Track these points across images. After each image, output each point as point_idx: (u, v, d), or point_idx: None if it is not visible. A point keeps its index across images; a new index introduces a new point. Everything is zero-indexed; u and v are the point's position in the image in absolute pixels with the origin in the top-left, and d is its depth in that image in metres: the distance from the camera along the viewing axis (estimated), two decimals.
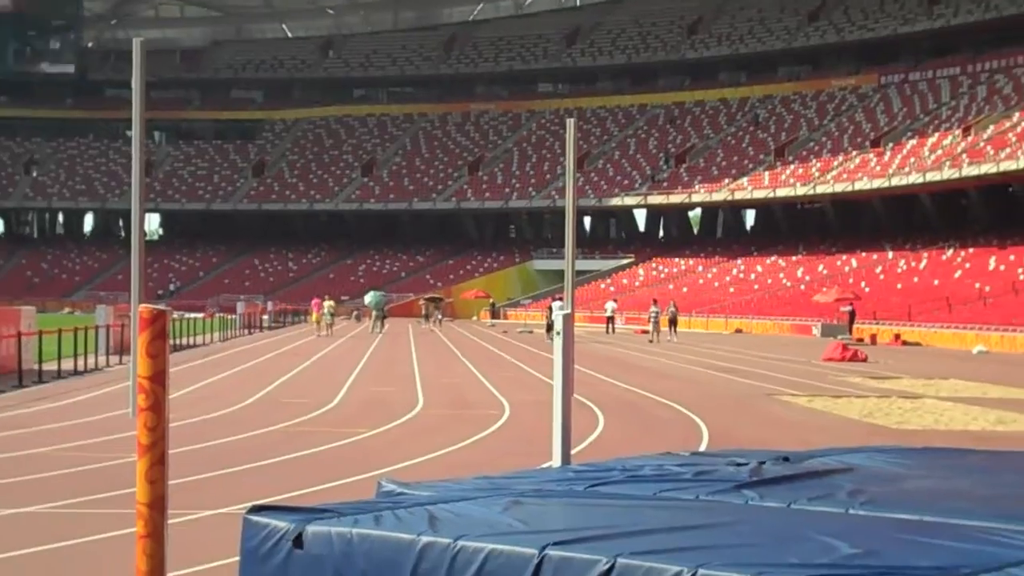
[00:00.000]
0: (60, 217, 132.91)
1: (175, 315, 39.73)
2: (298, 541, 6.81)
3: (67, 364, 32.07)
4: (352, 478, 14.15)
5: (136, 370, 7.89)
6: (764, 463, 9.38)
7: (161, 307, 7.60)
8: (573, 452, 12.92)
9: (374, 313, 69.67)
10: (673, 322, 62.14)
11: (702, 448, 17.16)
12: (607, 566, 5.92)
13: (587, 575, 5.96)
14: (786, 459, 9.73)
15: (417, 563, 6.43)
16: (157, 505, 7.39)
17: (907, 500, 7.79)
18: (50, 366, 31.28)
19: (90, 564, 9.67)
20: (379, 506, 7.43)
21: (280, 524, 6.94)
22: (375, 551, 6.59)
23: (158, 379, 7.43)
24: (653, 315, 61.78)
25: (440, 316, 79.21)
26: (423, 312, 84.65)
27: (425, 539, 6.48)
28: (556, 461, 12.19)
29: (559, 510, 7.48)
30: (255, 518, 7.07)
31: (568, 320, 12.19)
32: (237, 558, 7.20)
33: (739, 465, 9.26)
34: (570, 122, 13.94)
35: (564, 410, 12.27)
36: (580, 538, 6.33)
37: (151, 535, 7.36)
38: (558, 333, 12.14)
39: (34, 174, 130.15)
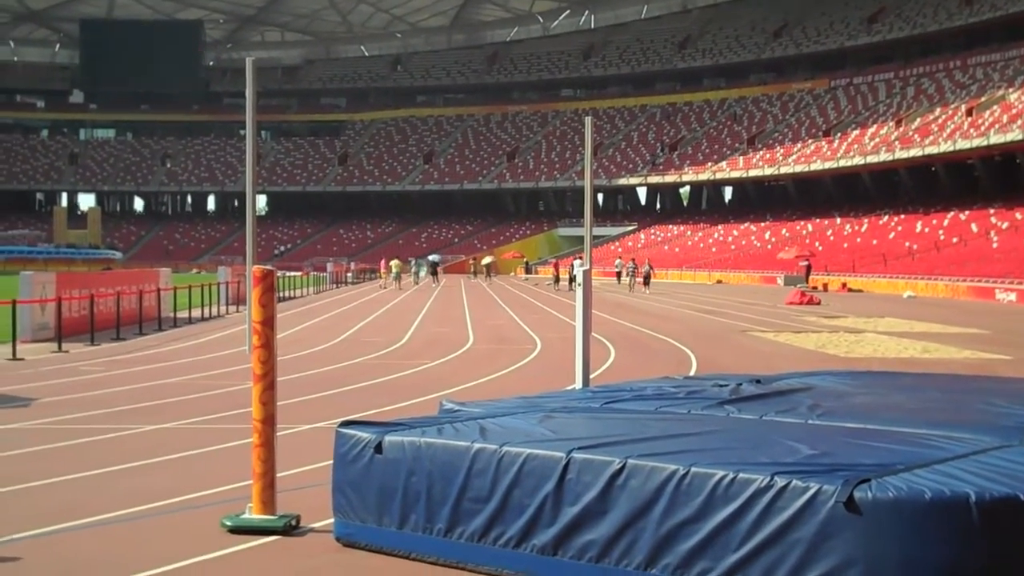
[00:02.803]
0: (189, 199, 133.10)
1: (279, 273, 39.80)
2: (379, 448, 6.86)
3: (196, 312, 32.20)
4: (419, 399, 14.14)
5: (251, 316, 7.91)
6: (741, 384, 9.37)
7: (269, 267, 7.64)
8: (591, 377, 12.92)
9: (429, 270, 69.67)
10: (647, 278, 59.38)
11: (692, 373, 17.11)
12: (620, 465, 5.94)
13: (604, 473, 5.98)
14: (758, 381, 9.71)
15: (472, 464, 6.48)
16: (269, 421, 7.45)
17: (854, 412, 7.78)
18: (183, 314, 31.43)
19: (217, 466, 9.70)
20: (441, 420, 7.47)
21: (364, 435, 6.99)
22: (438, 455, 6.63)
23: (268, 323, 7.47)
24: (629, 269, 60.75)
25: (491, 275, 78.81)
26: (471, 269, 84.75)
27: (477, 445, 6.52)
28: (578, 384, 12.19)
29: (581, 422, 7.50)
30: (345, 430, 7.12)
31: (587, 274, 12.16)
32: (331, 461, 7.23)
33: (721, 386, 9.26)
34: (588, 120, 13.79)
35: (584, 344, 12.26)
36: (598, 444, 6.35)
37: (264, 444, 7.42)
38: (579, 284, 12.11)
39: (168, 165, 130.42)
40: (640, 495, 5.80)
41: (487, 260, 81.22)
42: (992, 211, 70.58)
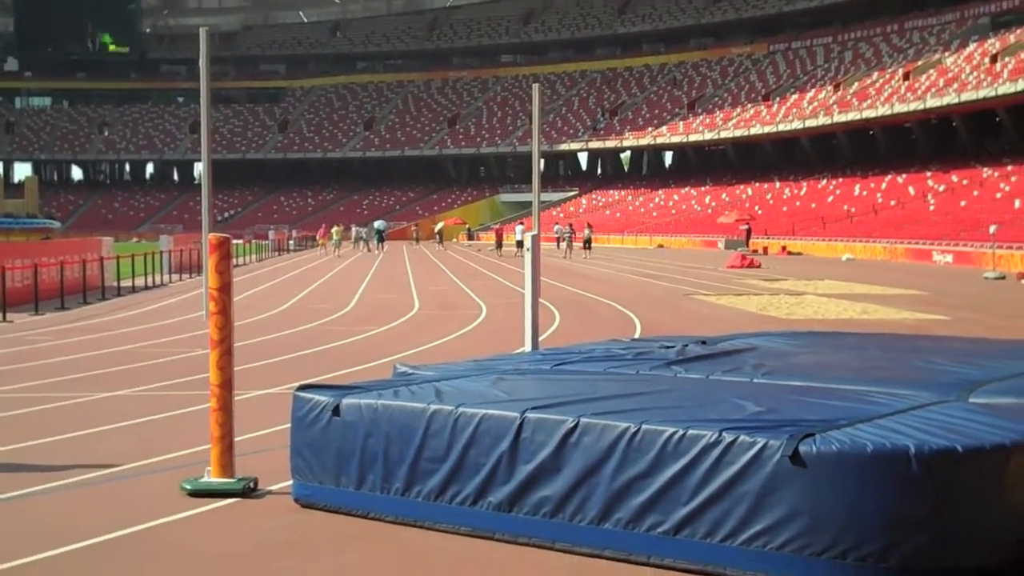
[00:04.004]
0: (127, 167, 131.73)
1: None
2: (336, 411, 6.99)
3: (139, 281, 32.07)
4: (370, 364, 14.26)
5: (207, 283, 8.01)
6: (687, 345, 9.57)
7: (225, 235, 7.74)
8: (540, 340, 13.07)
9: (375, 238, 69.51)
10: (588, 242, 59.35)
11: (637, 335, 17.32)
12: (573, 424, 6.11)
13: (557, 431, 6.15)
14: (704, 342, 9.92)
15: (428, 425, 6.62)
16: (226, 386, 7.56)
17: (797, 371, 7.99)
18: (125, 283, 31.29)
19: (174, 432, 9.79)
20: (396, 384, 7.60)
21: (322, 398, 7.12)
22: (395, 417, 6.77)
23: (225, 289, 7.58)
24: (565, 234, 60.45)
25: (443, 241, 77.50)
26: (413, 236, 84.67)
27: (433, 407, 6.67)
28: (528, 347, 12.33)
29: (533, 384, 7.66)
30: (302, 394, 7.25)
31: (535, 239, 12.30)
32: (285, 426, 7.36)
33: (668, 347, 9.45)
34: (535, 87, 14.00)
35: (533, 307, 12.40)
36: (550, 404, 6.51)
37: (222, 408, 7.53)
38: (528, 249, 12.23)
39: (105, 133, 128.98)
40: (593, 452, 5.98)
41: (439, 226, 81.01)
42: (929, 174, 71.36)
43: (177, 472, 7.95)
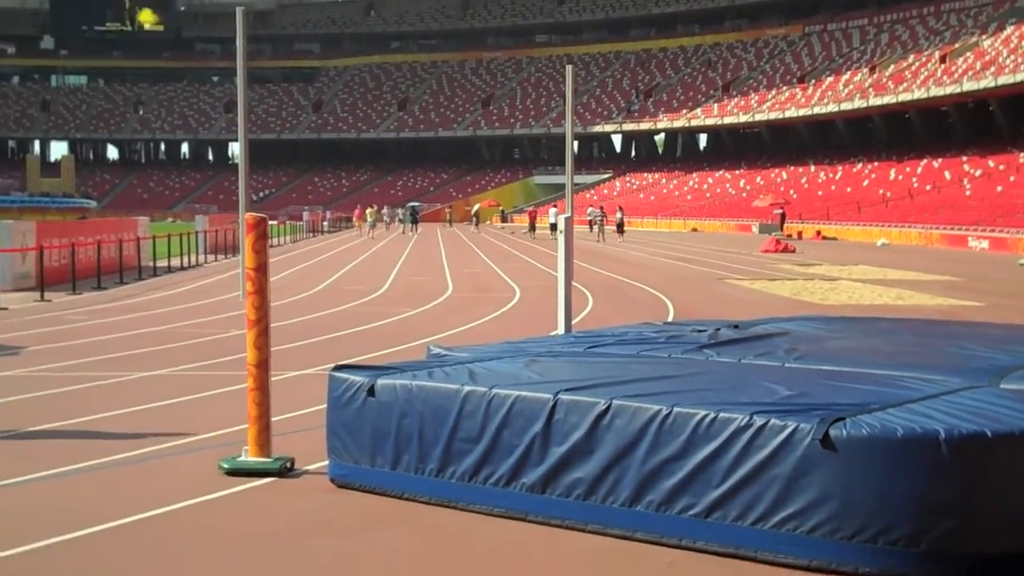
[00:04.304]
0: (162, 146, 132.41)
1: None
2: (371, 391, 7.06)
3: (175, 261, 32.28)
4: (404, 346, 14.34)
5: (244, 263, 8.10)
6: (719, 329, 9.61)
7: (262, 214, 7.82)
8: (573, 323, 13.14)
9: (408, 220, 69.74)
10: (620, 226, 59.11)
11: (670, 319, 17.36)
12: (605, 406, 6.17)
13: (590, 413, 6.21)
14: (736, 326, 9.95)
15: (462, 406, 6.69)
16: (263, 365, 7.64)
17: (829, 355, 8.03)
18: (161, 263, 31.51)
19: (211, 411, 9.90)
20: (430, 365, 7.68)
21: (357, 379, 7.20)
22: (430, 398, 6.85)
23: (261, 269, 7.66)
24: (598, 217, 60.20)
25: (479, 223, 77.70)
26: (447, 218, 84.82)
27: (467, 388, 6.74)
28: (561, 329, 12.39)
29: (566, 366, 7.71)
30: (338, 374, 7.34)
31: (568, 222, 12.35)
32: (324, 405, 7.45)
33: (700, 331, 9.49)
34: (568, 69, 13.92)
35: (566, 291, 12.46)
36: (583, 386, 6.57)
37: (259, 388, 7.62)
38: (561, 232, 12.29)
39: (141, 112, 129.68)
40: (625, 434, 6.04)
41: (476, 208, 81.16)
42: (965, 159, 70.94)
43: (214, 451, 8.06)
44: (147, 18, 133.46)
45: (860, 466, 5.38)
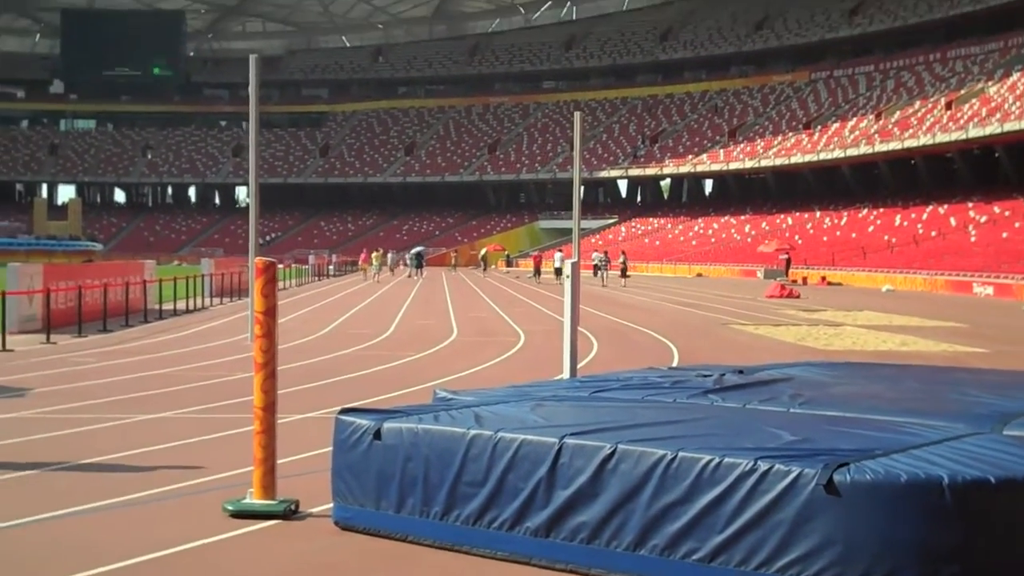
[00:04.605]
0: (169, 190, 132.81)
1: None
2: (377, 434, 7.09)
3: (180, 304, 32.33)
4: (409, 389, 14.37)
5: (253, 306, 8.14)
6: (724, 374, 9.62)
7: (271, 259, 7.88)
8: (578, 367, 13.15)
9: (414, 264, 69.78)
10: (623, 270, 59.14)
11: (675, 364, 17.37)
12: (611, 450, 6.19)
13: (595, 457, 6.23)
14: (741, 371, 9.97)
15: (467, 449, 6.72)
16: (270, 408, 7.67)
17: (834, 401, 8.05)
18: (167, 306, 31.57)
19: (216, 454, 9.91)
20: (436, 408, 7.70)
21: (363, 422, 7.23)
22: (435, 441, 6.87)
23: (270, 313, 7.71)
24: (602, 262, 59.95)
25: (487, 267, 78.11)
26: (452, 262, 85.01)
27: (473, 431, 6.76)
28: (566, 374, 12.40)
29: (572, 410, 7.74)
30: (345, 417, 7.37)
31: (575, 267, 12.39)
32: (328, 448, 7.48)
33: (705, 376, 9.51)
34: (577, 115, 14.02)
35: (572, 335, 12.48)
36: (589, 430, 6.59)
37: (265, 431, 7.65)
38: (567, 276, 12.32)
39: (149, 156, 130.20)
40: (630, 479, 6.06)
41: (483, 252, 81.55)
42: (971, 205, 71.04)
43: (219, 493, 8.07)
44: (156, 66, 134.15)
45: (864, 511, 5.39)
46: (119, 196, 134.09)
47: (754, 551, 5.63)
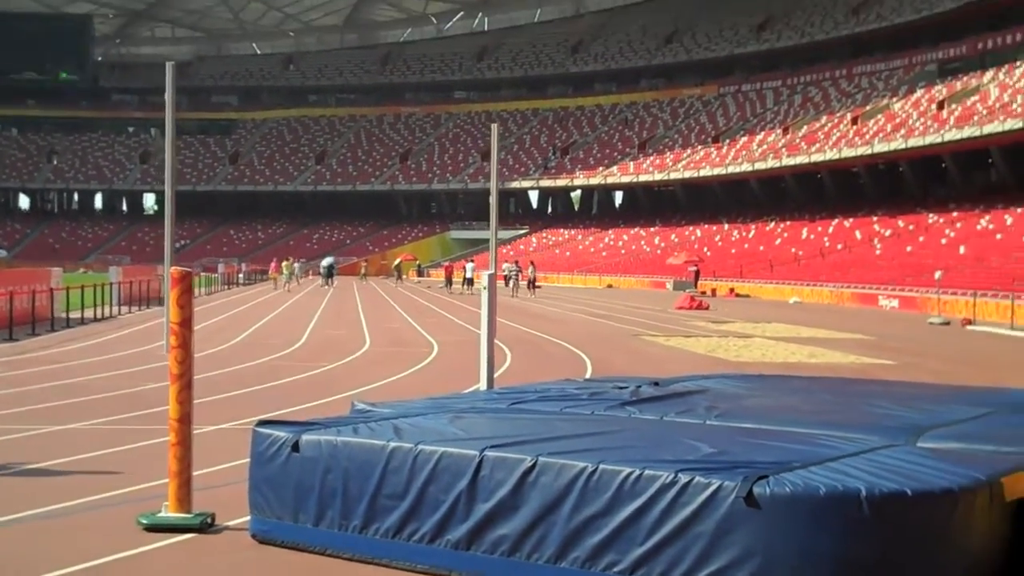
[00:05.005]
0: (75, 196, 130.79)
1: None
2: (295, 447, 7.05)
3: (88, 313, 31.87)
4: (323, 400, 14.29)
5: (168, 317, 8.05)
6: (640, 386, 9.68)
7: (188, 268, 7.79)
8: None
9: (324, 275, 69.28)
10: (532, 281, 58.81)
11: (588, 375, 17.43)
12: (531, 463, 6.20)
13: (516, 470, 6.23)
14: (656, 383, 10.04)
15: (388, 462, 6.69)
16: (185, 420, 7.60)
17: (749, 413, 8.12)
18: (75, 314, 31.10)
19: (129, 466, 9.77)
20: (355, 420, 7.67)
21: (281, 434, 7.18)
22: (355, 454, 6.84)
23: (186, 324, 7.63)
24: (513, 272, 59.84)
25: (401, 276, 77.88)
26: (361, 272, 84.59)
27: (393, 444, 6.74)
28: (483, 385, 12.39)
29: (490, 422, 7.74)
30: (262, 429, 7.31)
31: (492, 278, 12.39)
32: (243, 460, 7.41)
33: (621, 388, 9.56)
34: (494, 127, 13.97)
35: (489, 346, 12.48)
36: (509, 443, 6.59)
37: (181, 443, 7.57)
38: (485, 287, 12.31)
39: (54, 162, 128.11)
40: (551, 491, 6.07)
41: (397, 261, 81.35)
42: (876, 218, 72.13)
43: (133, 506, 7.96)
44: (64, 69, 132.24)
45: (783, 524, 5.45)
46: (23, 202, 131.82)
47: (675, 563, 5.66)
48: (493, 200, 13.96)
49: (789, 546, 5.42)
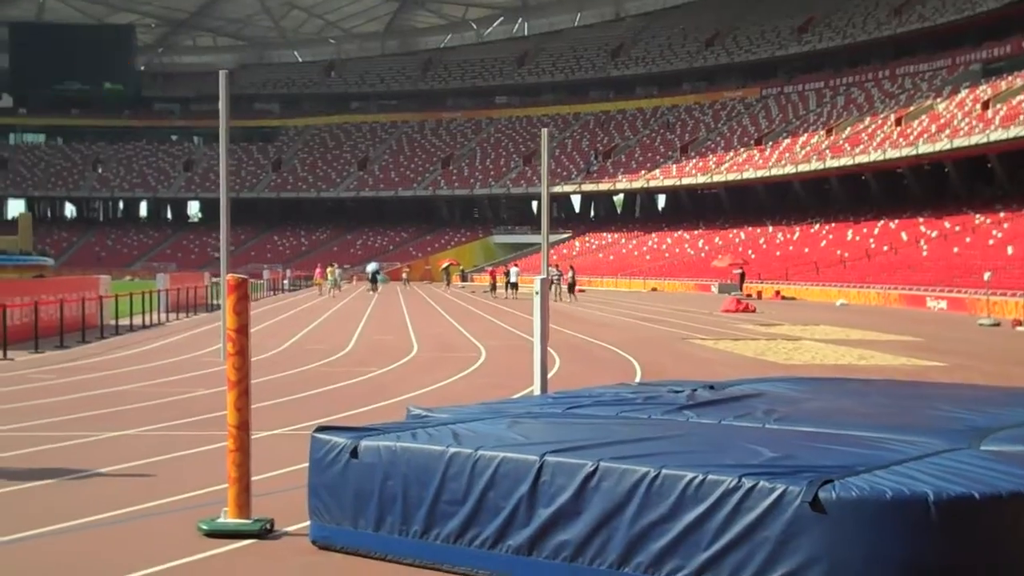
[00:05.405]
0: (120, 204, 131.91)
1: (214, 280, 39.74)
2: (354, 453, 7.04)
3: (136, 320, 32.07)
4: (376, 404, 14.31)
5: (225, 324, 8.07)
6: (696, 390, 9.62)
7: (243, 276, 7.81)
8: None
9: (370, 280, 69.45)
10: (572, 285, 57.99)
11: (638, 378, 17.38)
12: (593, 468, 6.16)
13: (577, 475, 6.20)
14: (711, 387, 9.97)
15: (447, 468, 6.68)
16: (243, 426, 7.61)
17: (808, 416, 8.05)
18: (123, 322, 31.31)
19: (185, 472, 9.81)
20: (412, 426, 7.65)
21: (340, 440, 7.18)
22: (414, 459, 6.83)
23: (243, 331, 7.65)
24: (555, 276, 59.47)
25: (450, 282, 78.04)
26: (404, 277, 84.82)
27: (452, 449, 6.72)
28: (537, 390, 12.36)
29: (548, 427, 7.70)
30: (320, 435, 7.31)
31: (544, 283, 12.36)
32: (301, 465, 7.42)
33: (677, 392, 9.50)
34: (544, 132, 13.98)
35: (542, 351, 12.44)
36: (568, 447, 6.56)
37: (239, 449, 7.58)
38: (537, 292, 12.28)
39: (99, 171, 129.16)
40: (613, 496, 6.04)
41: (446, 265, 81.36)
42: (921, 220, 71.64)
43: (192, 512, 7.99)
44: (107, 79, 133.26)
45: (849, 528, 5.39)
46: (69, 210, 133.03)
47: (740, 569, 5.61)
48: (545, 204, 13.93)
49: (855, 551, 5.37)
